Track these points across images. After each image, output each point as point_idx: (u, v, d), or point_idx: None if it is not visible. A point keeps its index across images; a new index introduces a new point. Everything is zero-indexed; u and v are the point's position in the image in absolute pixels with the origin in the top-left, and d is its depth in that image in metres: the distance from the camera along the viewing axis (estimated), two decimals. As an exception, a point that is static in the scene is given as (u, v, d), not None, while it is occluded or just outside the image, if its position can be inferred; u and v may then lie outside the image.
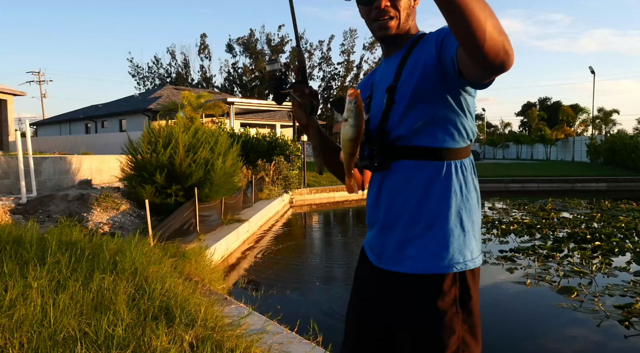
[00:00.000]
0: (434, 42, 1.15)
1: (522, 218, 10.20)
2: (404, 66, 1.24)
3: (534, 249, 6.95)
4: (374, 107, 1.30)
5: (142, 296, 3.05)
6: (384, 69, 1.34)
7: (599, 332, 4.05)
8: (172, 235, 5.61)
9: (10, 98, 19.19)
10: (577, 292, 4.96)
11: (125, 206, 7.02)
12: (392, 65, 1.28)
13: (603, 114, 45.36)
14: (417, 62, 1.19)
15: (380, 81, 1.32)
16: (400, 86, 1.22)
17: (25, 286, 2.90)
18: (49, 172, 9.48)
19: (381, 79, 1.32)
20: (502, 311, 4.67)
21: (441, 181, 1.15)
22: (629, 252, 6.83)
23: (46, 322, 2.48)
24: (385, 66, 1.33)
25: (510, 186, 18.62)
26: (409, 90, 1.19)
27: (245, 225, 8.13)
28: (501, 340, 3.97)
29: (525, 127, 63.09)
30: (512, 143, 43.72)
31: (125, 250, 3.93)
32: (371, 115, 1.29)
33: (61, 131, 31.91)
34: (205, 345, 2.51)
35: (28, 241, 3.92)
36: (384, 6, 1.20)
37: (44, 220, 6.21)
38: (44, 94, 43.65)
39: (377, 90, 1.32)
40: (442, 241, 1.13)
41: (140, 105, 26.25)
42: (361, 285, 1.34)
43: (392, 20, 1.22)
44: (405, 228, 1.17)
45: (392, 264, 1.19)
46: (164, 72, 46.12)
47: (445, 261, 1.12)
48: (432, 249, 1.13)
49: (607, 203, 12.87)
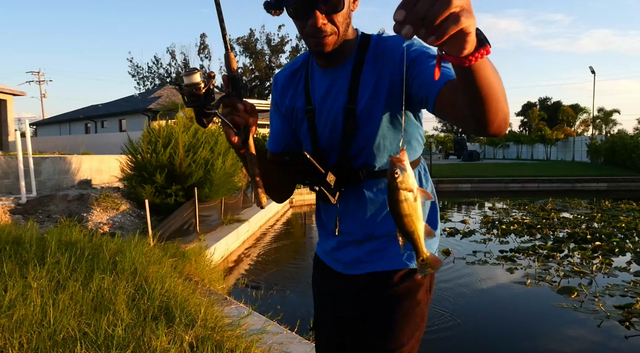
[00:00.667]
0: (398, 63, 1.08)
1: (522, 218, 10.19)
2: (358, 84, 1.14)
3: (534, 249, 6.95)
4: (325, 127, 1.20)
5: (142, 297, 3.05)
6: (324, 81, 1.20)
7: (599, 332, 4.04)
8: (172, 235, 5.61)
9: (10, 98, 19.19)
10: (578, 292, 4.95)
11: (125, 206, 7.02)
12: (339, 79, 1.17)
13: (603, 114, 45.42)
14: (379, 84, 1.11)
15: (326, 97, 1.19)
16: (363, 110, 1.14)
17: (24, 286, 2.90)
18: (48, 172, 9.48)
19: (326, 95, 1.19)
20: (502, 311, 4.67)
21: None
22: (629, 252, 6.82)
23: (46, 322, 2.47)
24: (325, 77, 1.20)
25: (510, 186, 18.61)
26: (376, 115, 1.12)
27: (245, 225, 8.13)
28: (501, 340, 3.97)
29: (526, 127, 63.12)
30: (512, 143, 43.69)
31: (125, 250, 3.92)
32: (324, 138, 1.20)
33: (61, 131, 31.91)
34: (205, 345, 2.51)
35: (28, 241, 3.92)
36: (320, 24, 1.05)
37: (43, 220, 6.21)
38: (43, 94, 43.68)
39: (324, 108, 1.19)
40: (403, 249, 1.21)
41: (140, 105, 26.23)
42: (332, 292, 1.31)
43: (329, 36, 1.08)
44: (384, 240, 1.22)
45: (370, 267, 1.23)
46: (164, 72, 46.08)
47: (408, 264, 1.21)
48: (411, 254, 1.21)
49: (608, 203, 12.87)
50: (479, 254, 6.80)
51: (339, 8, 1.06)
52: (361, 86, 1.14)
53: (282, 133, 1.31)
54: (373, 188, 1.21)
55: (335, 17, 1.07)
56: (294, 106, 1.27)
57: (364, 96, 1.14)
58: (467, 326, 4.20)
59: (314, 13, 1.04)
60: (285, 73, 1.30)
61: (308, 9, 1.05)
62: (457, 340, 3.92)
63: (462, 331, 4.10)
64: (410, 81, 1.05)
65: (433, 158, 24.31)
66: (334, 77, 1.18)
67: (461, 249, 7.15)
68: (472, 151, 34.09)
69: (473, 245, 7.48)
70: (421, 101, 1.02)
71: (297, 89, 1.26)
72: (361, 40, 1.18)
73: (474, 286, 5.34)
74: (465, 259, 6.52)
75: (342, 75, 1.17)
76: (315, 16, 1.04)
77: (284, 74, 1.30)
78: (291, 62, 1.32)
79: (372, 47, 1.16)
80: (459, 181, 18.59)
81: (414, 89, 1.04)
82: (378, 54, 1.15)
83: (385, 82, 1.11)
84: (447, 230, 8.69)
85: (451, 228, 8.82)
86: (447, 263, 6.36)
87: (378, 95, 1.12)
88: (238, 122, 1.04)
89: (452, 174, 19.63)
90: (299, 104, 1.25)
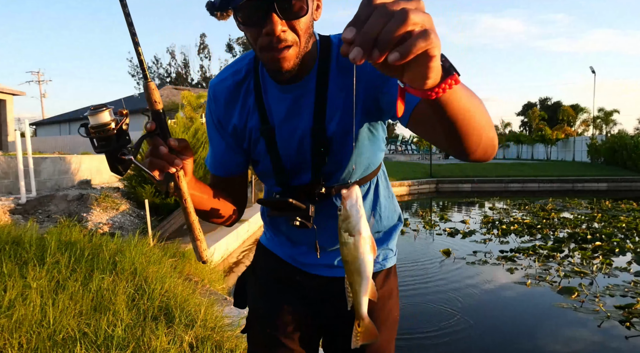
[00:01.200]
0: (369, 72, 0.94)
1: (522, 218, 10.19)
2: (326, 102, 1.00)
3: (534, 249, 6.94)
4: (289, 148, 1.06)
5: (141, 297, 3.05)
6: (283, 99, 1.03)
7: (599, 333, 4.04)
8: (171, 235, 5.60)
9: (10, 98, 19.20)
10: (578, 292, 4.95)
11: (124, 206, 7.02)
12: (303, 98, 1.02)
13: (603, 114, 45.36)
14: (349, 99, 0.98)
15: (288, 117, 1.04)
16: (336, 132, 1.01)
17: (24, 286, 2.89)
18: (48, 172, 9.48)
19: (288, 115, 1.04)
20: (503, 311, 4.67)
21: (379, 194, 1.20)
22: (629, 252, 6.82)
23: (45, 322, 2.47)
24: (285, 95, 1.03)
25: (510, 186, 18.61)
26: (350, 135, 1.00)
27: (245, 225, 8.13)
28: (501, 340, 3.96)
29: (526, 127, 63.12)
30: (512, 142, 43.65)
31: (124, 250, 3.92)
32: (289, 160, 1.07)
33: (61, 131, 31.93)
34: (205, 346, 2.51)
35: (27, 241, 3.91)
36: (279, 32, 0.85)
37: (43, 220, 6.21)
38: (43, 94, 43.72)
39: (286, 128, 1.04)
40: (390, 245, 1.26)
41: (140, 105, 26.22)
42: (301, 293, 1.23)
43: (289, 49, 0.88)
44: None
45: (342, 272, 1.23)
46: (164, 72, 46.12)
47: (393, 259, 1.27)
48: (385, 253, 1.25)
49: (608, 203, 12.87)
50: (479, 254, 6.79)
51: (302, 13, 0.87)
52: (329, 105, 1.00)
53: (228, 153, 1.13)
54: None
55: (296, 24, 0.88)
56: (244, 125, 1.08)
57: (334, 115, 1.00)
58: (467, 326, 4.19)
59: (270, 18, 0.84)
60: (227, 85, 1.08)
61: (263, 13, 0.84)
62: (456, 340, 3.92)
63: (462, 331, 4.10)
64: (381, 97, 0.94)
65: (433, 158, 24.31)
66: (295, 95, 1.02)
67: (461, 249, 7.15)
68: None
69: (473, 245, 7.47)
70: (394, 117, 0.93)
71: (245, 105, 1.07)
72: (321, 47, 1.01)
73: (474, 287, 5.34)
74: (465, 259, 6.52)
75: (305, 92, 1.01)
76: (272, 22, 0.84)
77: (224, 86, 1.08)
78: (231, 70, 1.09)
79: (334, 56, 1.00)
80: (459, 181, 18.58)
81: (385, 106, 0.95)
82: (343, 64, 1.00)
83: (358, 97, 0.98)
84: (447, 230, 8.69)
85: (451, 228, 8.81)
86: (447, 263, 6.36)
87: (351, 112, 0.99)
88: (162, 168, 0.87)
89: (452, 174, 19.62)
90: (252, 123, 1.07)
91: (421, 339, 3.95)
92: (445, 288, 5.25)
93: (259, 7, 0.84)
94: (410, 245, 7.72)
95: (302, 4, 0.86)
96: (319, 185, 1.06)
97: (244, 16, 0.87)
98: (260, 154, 1.10)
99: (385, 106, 0.95)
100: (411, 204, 14.24)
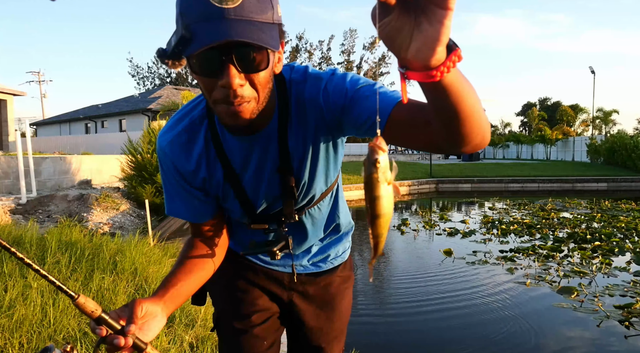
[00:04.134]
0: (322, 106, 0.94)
1: (522, 218, 10.20)
2: (288, 151, 1.00)
3: (534, 249, 6.95)
4: (256, 189, 1.07)
5: (142, 297, 3.05)
6: (243, 149, 1.01)
7: (599, 332, 4.04)
8: (172, 235, 5.61)
9: (10, 98, 19.19)
10: (577, 292, 4.96)
11: (125, 206, 7.02)
12: (265, 149, 1.01)
13: (603, 114, 45.38)
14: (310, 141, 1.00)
15: (251, 163, 1.03)
16: (300, 169, 1.04)
17: (25, 286, 2.90)
18: (48, 172, 9.48)
19: (250, 162, 1.03)
20: (502, 311, 4.67)
21: (339, 198, 1.28)
22: (629, 252, 6.82)
23: (46, 322, 2.48)
24: (244, 145, 1.01)
25: (510, 186, 18.61)
26: (315, 166, 1.04)
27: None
28: (501, 340, 3.97)
29: (526, 127, 63.17)
30: (512, 143, 43.66)
31: (125, 250, 3.93)
32: (259, 197, 1.09)
33: (61, 131, 31.94)
34: (205, 345, 2.51)
35: (28, 241, 3.92)
36: (236, 86, 0.79)
37: (43, 220, 6.21)
38: (43, 94, 43.71)
39: (249, 172, 1.04)
40: (349, 240, 1.42)
41: (140, 105, 26.25)
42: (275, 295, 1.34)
43: (246, 104, 0.82)
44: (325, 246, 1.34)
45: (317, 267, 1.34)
46: (164, 72, 46.14)
47: (349, 251, 1.43)
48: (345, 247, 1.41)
49: (607, 203, 12.87)
50: (479, 254, 6.80)
51: (262, 66, 0.80)
52: (292, 153, 1.01)
53: (201, 205, 1.11)
54: (316, 209, 1.21)
55: (255, 78, 0.81)
56: (212, 176, 1.06)
57: (296, 159, 1.02)
58: (467, 326, 4.20)
59: (227, 70, 0.77)
60: (181, 142, 1.03)
61: (219, 64, 0.78)
62: (456, 340, 3.92)
63: (461, 331, 4.11)
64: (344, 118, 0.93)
65: (433, 158, 24.31)
66: (256, 147, 1.00)
67: (461, 249, 7.15)
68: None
69: (473, 245, 7.48)
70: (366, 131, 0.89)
71: (208, 156, 1.04)
72: (279, 93, 0.97)
73: (474, 286, 5.34)
74: (465, 259, 6.52)
75: (267, 144, 1.00)
76: (229, 74, 0.77)
77: (178, 142, 1.03)
78: (184, 123, 1.03)
79: (293, 100, 0.98)
80: (459, 181, 18.58)
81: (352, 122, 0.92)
82: (300, 108, 0.97)
83: (319, 136, 0.99)
84: (447, 230, 8.69)
85: (451, 228, 8.82)
86: (447, 263, 6.36)
87: (315, 151, 1.01)
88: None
89: (452, 174, 19.62)
90: (218, 174, 1.05)
91: (421, 339, 3.96)
92: (445, 288, 5.26)
93: (216, 57, 0.77)
94: (410, 245, 7.73)
95: (262, 57, 0.79)
96: (291, 212, 1.11)
97: (198, 65, 0.79)
98: (229, 198, 1.10)
99: (352, 122, 0.92)
100: (411, 204, 14.24)
